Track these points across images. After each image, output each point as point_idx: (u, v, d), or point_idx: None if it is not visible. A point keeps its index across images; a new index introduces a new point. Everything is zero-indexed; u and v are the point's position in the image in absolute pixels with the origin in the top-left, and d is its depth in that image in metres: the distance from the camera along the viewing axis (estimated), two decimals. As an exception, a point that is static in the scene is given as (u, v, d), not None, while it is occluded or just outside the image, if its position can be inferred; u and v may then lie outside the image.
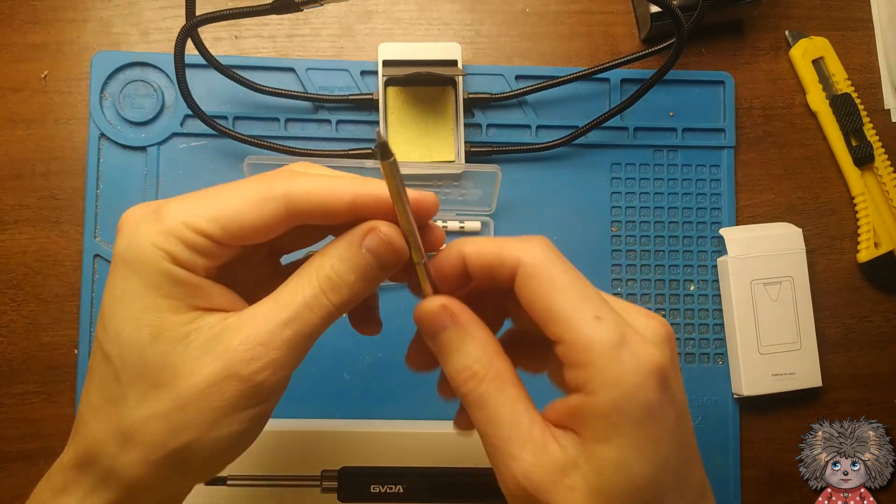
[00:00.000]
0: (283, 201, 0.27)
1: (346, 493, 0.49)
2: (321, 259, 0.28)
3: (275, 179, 0.28)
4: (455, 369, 0.28)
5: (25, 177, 0.53)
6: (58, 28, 0.54)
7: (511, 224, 0.54)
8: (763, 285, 0.53)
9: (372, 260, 0.28)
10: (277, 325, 0.27)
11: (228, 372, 0.27)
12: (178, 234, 0.27)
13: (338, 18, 0.56)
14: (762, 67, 0.58)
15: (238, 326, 0.27)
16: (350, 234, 0.28)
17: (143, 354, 0.27)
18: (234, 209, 0.27)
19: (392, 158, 0.25)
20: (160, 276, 0.27)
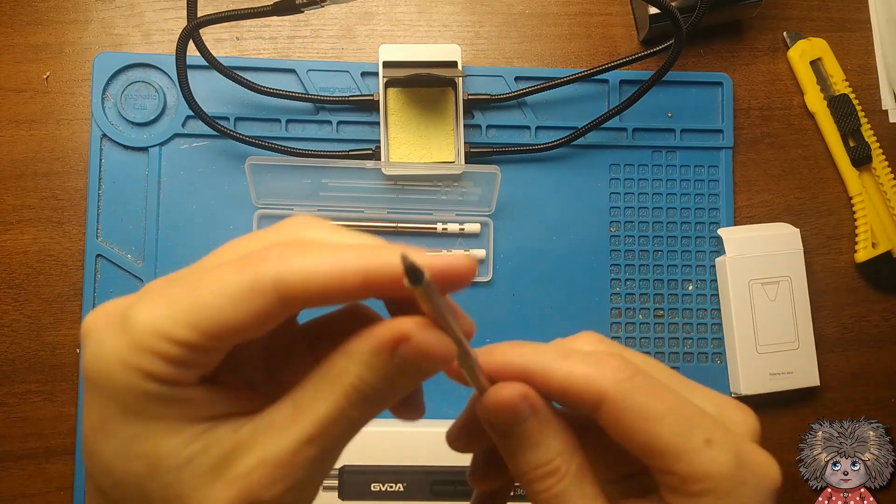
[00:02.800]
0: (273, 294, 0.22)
1: (346, 491, 0.49)
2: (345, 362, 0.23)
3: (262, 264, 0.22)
4: (531, 465, 0.25)
5: (27, 177, 0.53)
6: (60, 29, 0.54)
7: (511, 224, 0.55)
8: (761, 285, 0.54)
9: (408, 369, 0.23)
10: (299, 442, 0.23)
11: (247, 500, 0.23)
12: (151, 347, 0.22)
13: (338, 20, 0.56)
14: (760, 68, 0.58)
15: (253, 442, 0.23)
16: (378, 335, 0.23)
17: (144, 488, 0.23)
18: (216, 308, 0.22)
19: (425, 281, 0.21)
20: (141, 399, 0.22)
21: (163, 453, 0.22)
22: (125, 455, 0.23)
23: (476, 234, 0.54)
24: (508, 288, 0.54)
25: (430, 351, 0.22)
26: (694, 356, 0.55)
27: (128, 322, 0.22)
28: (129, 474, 0.23)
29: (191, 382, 0.23)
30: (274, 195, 0.53)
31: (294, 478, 0.23)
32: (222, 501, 0.22)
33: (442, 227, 0.54)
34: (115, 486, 0.23)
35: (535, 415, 0.25)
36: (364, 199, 0.54)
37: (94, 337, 0.23)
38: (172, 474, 0.22)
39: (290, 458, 0.23)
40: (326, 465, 0.24)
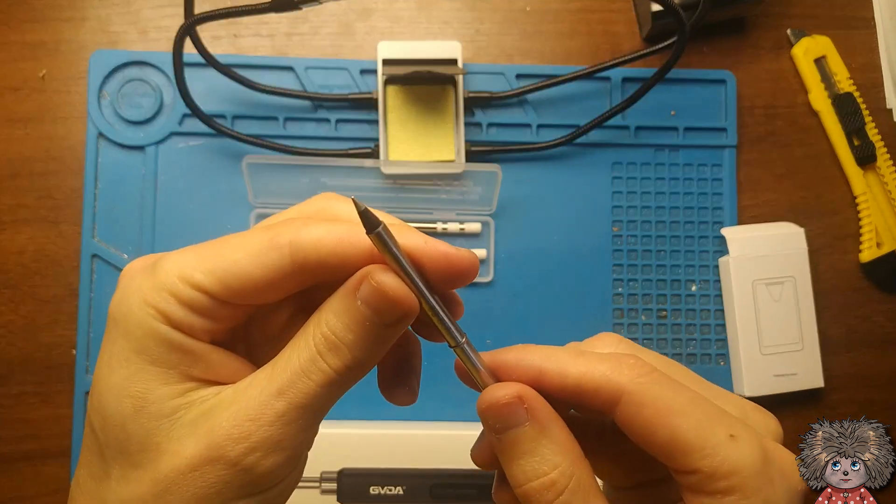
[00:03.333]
0: (288, 251, 0.23)
1: (345, 494, 0.48)
2: (318, 315, 0.24)
3: (284, 226, 0.24)
4: (526, 475, 0.23)
5: (23, 176, 0.52)
6: (56, 27, 0.54)
7: (512, 223, 0.54)
8: (765, 285, 0.53)
9: (370, 314, 0.23)
10: (269, 395, 0.23)
11: (213, 454, 0.23)
12: (172, 288, 0.23)
13: (337, 17, 0.55)
14: (764, 66, 0.58)
15: (231, 399, 0.23)
16: (345, 283, 0.24)
17: (126, 429, 0.23)
18: (233, 259, 0.23)
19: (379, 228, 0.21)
20: (149, 338, 0.23)
21: (151, 398, 0.23)
22: (118, 392, 0.23)
23: (477, 233, 0.54)
24: (509, 288, 0.54)
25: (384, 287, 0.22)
26: (697, 357, 0.55)
27: (158, 266, 0.24)
28: (117, 413, 0.23)
29: (199, 336, 0.24)
30: (272, 194, 0.52)
31: (261, 434, 0.23)
32: (189, 454, 0.23)
33: (442, 226, 0.53)
34: (103, 425, 0.24)
35: (533, 420, 0.23)
36: (363, 198, 0.53)
37: (127, 277, 0.24)
38: (154, 422, 0.23)
39: (257, 411, 0.23)
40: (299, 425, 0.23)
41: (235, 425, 0.23)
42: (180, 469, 0.23)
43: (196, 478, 0.23)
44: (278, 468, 0.23)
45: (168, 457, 0.23)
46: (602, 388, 0.23)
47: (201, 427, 0.23)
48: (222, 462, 0.23)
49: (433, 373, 0.53)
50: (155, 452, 0.23)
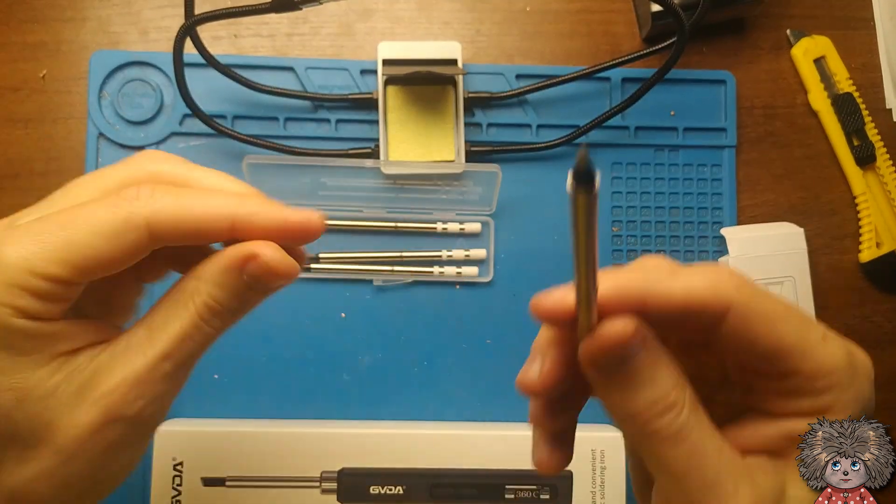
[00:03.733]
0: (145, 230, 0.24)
1: (345, 494, 0.48)
2: (195, 283, 0.26)
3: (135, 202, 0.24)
4: (647, 402, 0.23)
5: (24, 176, 0.52)
6: (56, 27, 0.54)
7: (512, 224, 0.54)
8: (765, 285, 0.53)
9: (255, 284, 0.26)
10: (155, 359, 0.25)
11: (111, 416, 0.25)
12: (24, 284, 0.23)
13: (337, 17, 0.55)
14: (763, 67, 0.58)
15: (111, 364, 0.25)
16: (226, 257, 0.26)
17: (12, 419, 0.24)
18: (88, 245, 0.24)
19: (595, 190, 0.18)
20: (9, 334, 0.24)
21: (30, 385, 0.24)
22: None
23: (476, 233, 0.54)
24: (509, 288, 0.54)
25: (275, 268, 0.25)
26: (696, 357, 0.55)
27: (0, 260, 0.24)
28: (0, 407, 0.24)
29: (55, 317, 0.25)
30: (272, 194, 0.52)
31: (153, 393, 0.25)
32: (87, 421, 0.25)
33: (442, 226, 0.53)
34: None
35: (646, 348, 0.23)
36: (363, 198, 0.53)
37: None
38: (40, 403, 0.24)
39: (148, 374, 0.25)
40: (182, 377, 0.26)
41: (128, 390, 0.25)
42: (81, 436, 0.25)
43: (98, 438, 0.25)
44: (164, 412, 0.27)
45: (63, 429, 0.24)
46: (710, 302, 0.23)
47: (90, 395, 0.25)
48: (120, 421, 0.25)
49: (433, 373, 0.53)
50: (48, 430, 0.24)
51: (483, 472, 0.49)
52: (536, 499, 0.49)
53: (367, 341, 0.53)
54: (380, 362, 0.53)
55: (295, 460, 0.48)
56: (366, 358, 0.53)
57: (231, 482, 0.48)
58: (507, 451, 0.49)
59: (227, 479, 0.48)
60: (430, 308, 0.53)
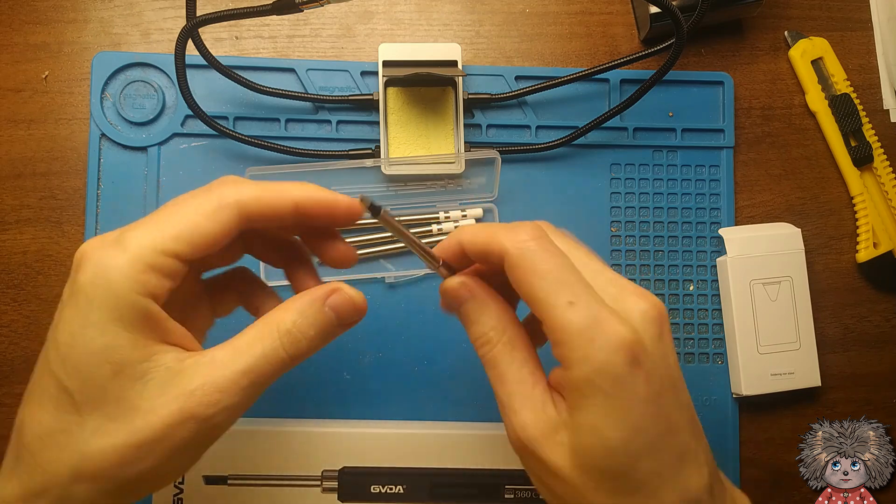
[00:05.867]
0: (236, 209, 0.29)
1: (346, 493, 0.49)
2: (282, 314, 0.31)
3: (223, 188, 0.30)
4: (474, 335, 0.32)
5: (26, 177, 0.53)
6: (59, 28, 0.54)
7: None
8: (762, 285, 0.53)
9: (334, 318, 0.31)
10: (236, 373, 0.29)
11: (186, 414, 0.28)
12: (150, 260, 0.28)
13: (338, 19, 0.56)
14: (761, 68, 0.58)
15: (195, 370, 0.28)
16: (313, 292, 0.31)
17: (105, 390, 0.27)
18: (195, 223, 0.29)
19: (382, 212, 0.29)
20: (127, 308, 0.27)
21: (126, 363, 0.28)
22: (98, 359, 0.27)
23: (480, 218, 0.54)
24: (509, 288, 0.54)
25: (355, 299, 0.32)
26: (695, 356, 0.55)
27: (125, 243, 0.28)
28: (97, 376, 0.27)
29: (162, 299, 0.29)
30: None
31: (227, 402, 0.28)
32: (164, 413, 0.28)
33: (444, 215, 0.54)
34: (81, 388, 0.27)
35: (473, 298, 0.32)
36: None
37: (93, 258, 0.28)
38: (129, 382, 0.28)
39: (227, 384, 0.28)
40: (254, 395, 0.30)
41: (207, 394, 0.28)
42: (155, 425, 0.27)
43: (170, 432, 0.28)
44: (232, 422, 0.30)
45: (143, 413, 0.28)
46: (493, 248, 0.30)
47: (172, 391, 0.28)
48: (193, 421, 0.28)
49: (433, 373, 0.53)
50: (129, 409, 0.28)
51: (483, 471, 0.49)
52: (536, 499, 0.49)
53: (368, 341, 0.53)
54: (380, 361, 0.53)
55: (296, 459, 0.49)
56: (367, 357, 0.53)
57: (233, 481, 0.48)
58: (507, 451, 0.49)
59: (229, 478, 0.48)
60: (431, 307, 0.53)
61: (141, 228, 0.29)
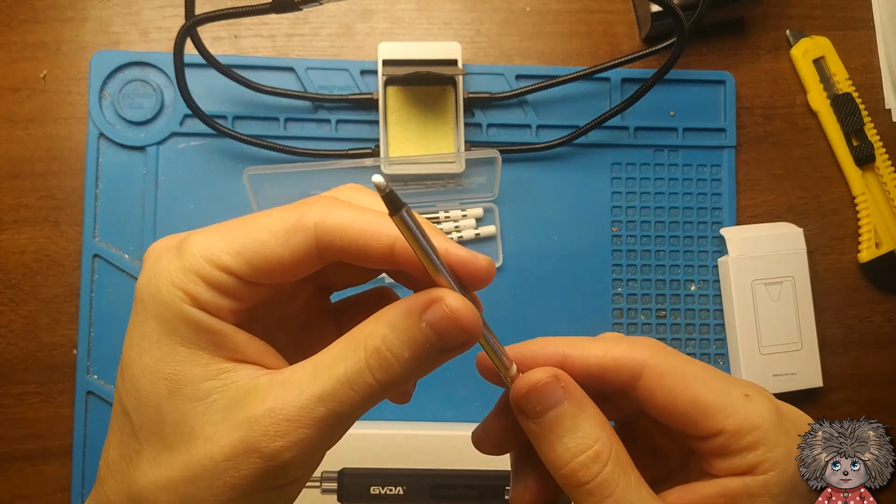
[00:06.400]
0: (313, 234, 0.23)
1: (345, 494, 0.48)
2: (373, 326, 0.24)
3: (310, 207, 0.24)
4: (571, 452, 0.24)
5: (24, 176, 0.52)
6: (57, 27, 0.54)
7: (511, 224, 0.54)
8: (764, 285, 0.53)
9: (433, 337, 0.23)
10: (310, 399, 0.23)
11: (248, 446, 0.23)
12: (200, 270, 0.23)
13: (337, 18, 0.56)
14: (763, 67, 0.58)
15: (267, 392, 0.23)
16: (409, 301, 0.24)
17: (161, 410, 0.23)
18: (261, 241, 0.23)
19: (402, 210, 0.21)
20: (179, 320, 0.23)
21: (185, 380, 0.23)
22: (152, 374, 0.23)
23: (479, 219, 0.54)
24: (508, 289, 0.54)
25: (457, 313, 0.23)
26: (696, 357, 0.55)
27: (184, 246, 0.24)
28: (151, 394, 0.23)
29: (227, 317, 0.24)
30: (274, 202, 0.52)
31: (298, 435, 0.23)
32: (224, 443, 0.23)
33: (444, 214, 0.53)
34: (137, 407, 0.24)
35: (570, 397, 0.25)
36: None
37: (153, 257, 0.24)
38: (189, 404, 0.23)
39: (298, 412, 0.23)
40: (334, 432, 0.24)
41: (273, 423, 0.23)
42: (214, 456, 0.23)
43: (229, 467, 0.23)
44: (307, 465, 0.24)
45: (202, 441, 0.23)
46: (623, 364, 0.25)
47: (236, 416, 0.23)
48: (256, 455, 0.23)
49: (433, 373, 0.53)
50: (189, 435, 0.23)
51: (483, 472, 0.49)
52: (536, 498, 0.49)
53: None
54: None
55: (295, 460, 0.48)
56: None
57: (231, 482, 0.48)
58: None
59: (228, 479, 0.48)
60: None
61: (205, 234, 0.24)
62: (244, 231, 0.24)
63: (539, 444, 0.25)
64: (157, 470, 0.23)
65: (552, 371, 0.25)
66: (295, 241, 0.23)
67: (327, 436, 0.23)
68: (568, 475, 0.24)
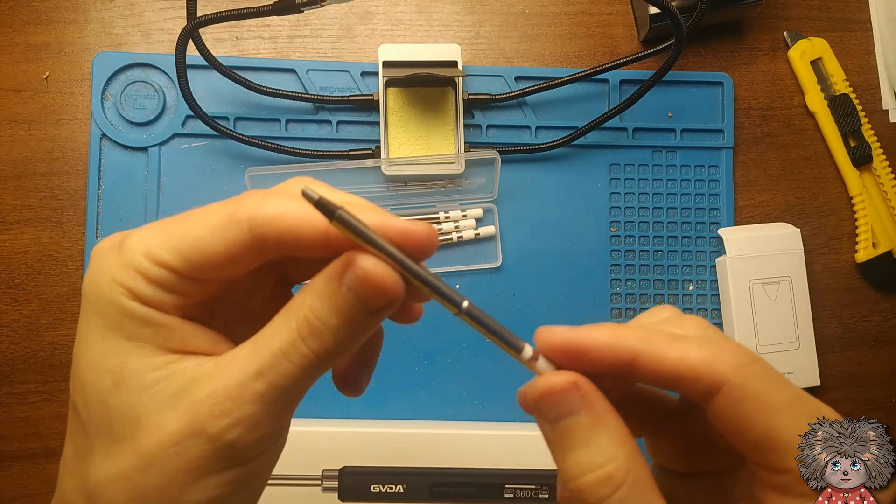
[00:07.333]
0: (247, 226, 0.23)
1: (346, 492, 0.49)
2: (302, 297, 0.23)
3: (245, 200, 0.23)
4: (581, 467, 0.22)
5: (27, 177, 0.53)
6: (59, 29, 0.54)
7: (511, 224, 0.55)
8: (761, 285, 0.54)
9: (355, 300, 0.22)
10: (249, 375, 0.23)
11: (194, 429, 0.23)
12: (138, 266, 0.23)
13: (338, 20, 0.56)
14: (761, 68, 0.58)
15: (211, 374, 0.23)
16: (330, 266, 0.23)
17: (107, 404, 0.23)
18: (197, 236, 0.23)
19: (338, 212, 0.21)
20: (121, 314, 0.23)
21: (129, 372, 0.23)
22: (96, 368, 0.24)
23: (479, 219, 0.54)
24: (508, 288, 0.54)
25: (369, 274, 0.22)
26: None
27: (124, 244, 0.24)
28: (97, 389, 0.23)
29: (169, 311, 0.24)
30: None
31: (241, 412, 0.23)
32: (171, 429, 0.23)
33: (444, 215, 0.54)
34: (85, 402, 0.24)
35: (588, 408, 0.22)
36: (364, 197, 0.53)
37: (97, 255, 0.24)
38: (135, 394, 0.23)
39: (237, 390, 0.23)
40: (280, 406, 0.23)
41: (215, 403, 0.23)
42: (162, 443, 0.23)
43: (178, 451, 0.23)
44: (257, 443, 0.23)
45: (150, 430, 0.23)
46: (703, 376, 0.22)
47: (182, 401, 0.23)
48: (203, 437, 0.23)
49: (433, 373, 0.53)
50: (136, 426, 0.23)
51: (483, 471, 0.49)
52: (536, 498, 0.50)
53: (368, 341, 0.53)
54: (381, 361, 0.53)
55: (296, 459, 0.49)
56: (366, 357, 0.53)
57: (233, 480, 0.48)
58: (507, 450, 0.49)
59: (229, 478, 0.48)
60: (430, 306, 0.53)
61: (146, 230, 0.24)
62: (181, 227, 0.24)
63: (551, 448, 0.24)
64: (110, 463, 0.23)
65: (572, 378, 0.23)
66: (229, 234, 0.23)
67: (273, 411, 0.23)
68: (575, 491, 0.22)
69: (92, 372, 0.24)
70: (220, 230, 0.23)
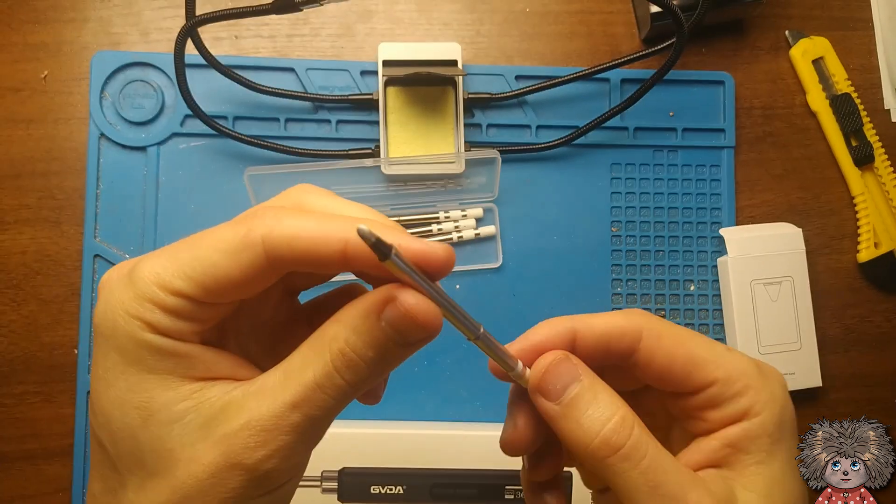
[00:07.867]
0: (262, 248, 0.23)
1: (346, 493, 0.49)
2: (335, 328, 0.24)
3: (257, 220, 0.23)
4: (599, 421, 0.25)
5: (25, 177, 0.53)
6: (58, 28, 0.54)
7: (511, 224, 0.54)
8: (763, 285, 0.53)
9: (393, 335, 0.23)
10: (284, 407, 0.23)
11: (230, 461, 0.23)
12: (152, 298, 0.23)
13: (338, 18, 0.56)
14: (762, 67, 0.58)
15: (241, 404, 0.23)
16: (366, 300, 0.24)
17: (137, 440, 0.23)
18: (210, 262, 0.23)
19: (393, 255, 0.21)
20: (140, 348, 0.23)
21: (156, 406, 0.23)
22: (122, 405, 0.23)
23: (479, 219, 0.54)
24: (509, 288, 0.54)
25: (413, 311, 0.23)
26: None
27: (134, 274, 0.23)
28: (125, 425, 0.23)
29: (188, 339, 0.24)
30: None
31: (277, 443, 0.23)
32: (207, 461, 0.23)
33: (444, 215, 0.54)
34: (112, 439, 0.24)
35: (585, 372, 0.26)
36: (365, 199, 0.53)
37: (106, 288, 0.24)
38: (165, 428, 0.23)
39: (274, 422, 0.23)
40: (312, 435, 0.24)
41: (251, 435, 0.23)
42: (198, 476, 0.23)
43: (216, 484, 0.23)
44: (292, 468, 0.24)
45: (184, 463, 0.23)
46: (626, 329, 0.27)
47: (214, 432, 0.23)
48: (240, 468, 0.23)
49: (433, 373, 0.53)
50: (170, 459, 0.23)
51: (483, 472, 0.49)
52: (536, 498, 0.49)
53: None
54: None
55: (295, 460, 0.48)
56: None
57: (232, 481, 0.48)
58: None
59: (228, 479, 0.48)
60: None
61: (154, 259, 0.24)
62: (192, 252, 0.23)
63: (563, 424, 0.26)
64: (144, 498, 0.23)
65: (561, 353, 0.27)
66: (245, 258, 0.23)
67: (306, 439, 0.24)
68: (601, 445, 0.25)
69: (117, 409, 0.23)
70: (233, 254, 0.23)
